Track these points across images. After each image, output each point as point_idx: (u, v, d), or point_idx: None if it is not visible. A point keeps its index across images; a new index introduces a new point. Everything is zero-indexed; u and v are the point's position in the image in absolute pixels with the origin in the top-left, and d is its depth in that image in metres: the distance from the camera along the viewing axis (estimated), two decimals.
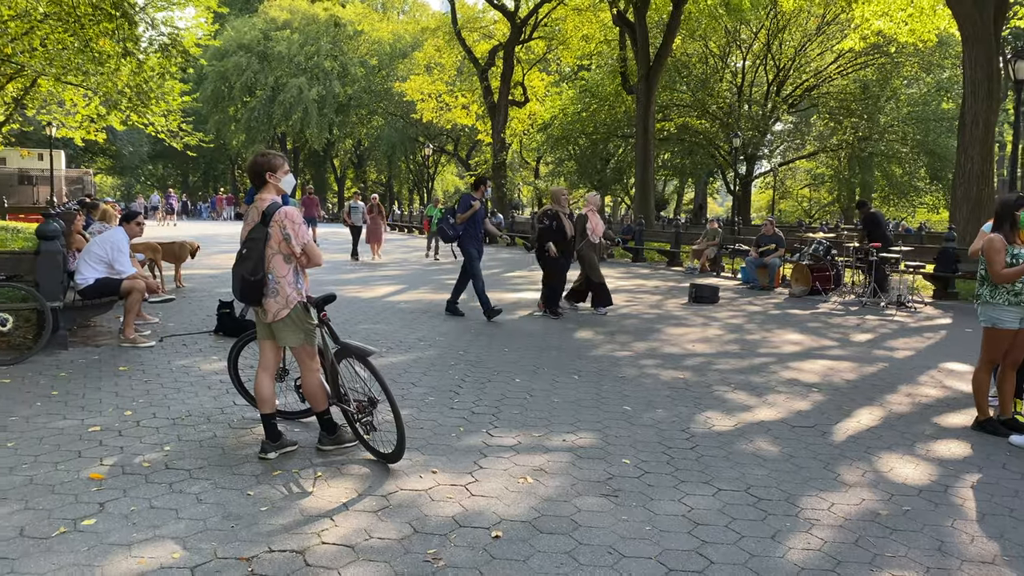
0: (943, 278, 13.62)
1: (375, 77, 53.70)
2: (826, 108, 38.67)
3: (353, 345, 4.64)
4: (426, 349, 8.11)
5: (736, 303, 12.86)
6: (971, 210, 16.56)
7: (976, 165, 16.42)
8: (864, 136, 36.96)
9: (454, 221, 10.33)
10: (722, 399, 6.38)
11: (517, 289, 14.13)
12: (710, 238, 18.04)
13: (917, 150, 37.24)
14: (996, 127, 18.49)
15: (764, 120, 36.10)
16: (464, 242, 10.39)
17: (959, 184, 16.90)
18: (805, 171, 54.78)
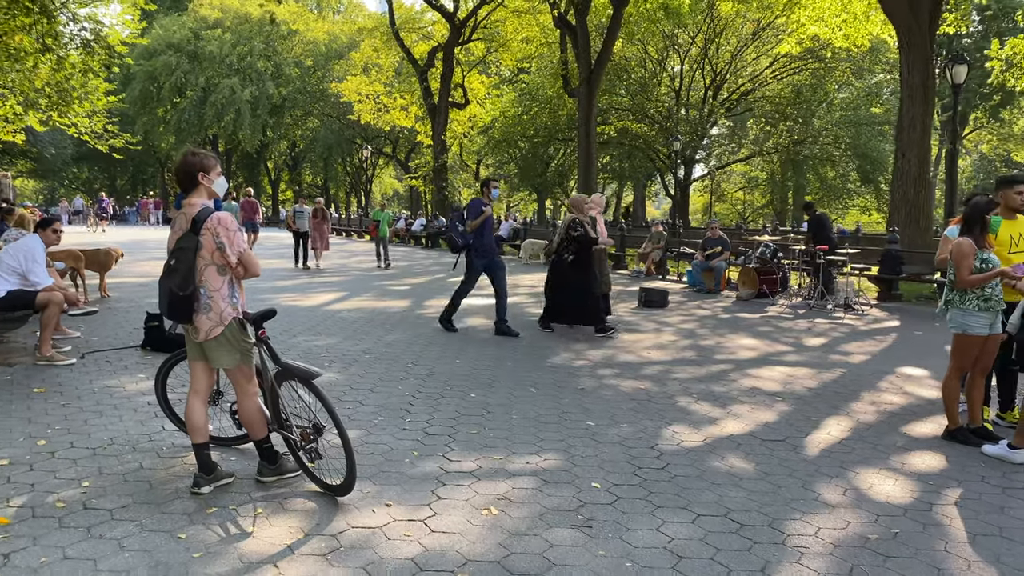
0: (887, 280, 13.72)
1: (310, 78, 52.58)
2: (762, 112, 39.27)
3: (295, 366, 4.19)
4: (372, 362, 7.65)
5: (685, 307, 12.70)
6: (909, 212, 16.80)
7: (914, 168, 16.66)
8: (799, 140, 37.64)
9: (463, 229, 9.33)
10: (686, 411, 6.11)
11: None
12: (655, 241, 17.93)
13: (849, 153, 38.08)
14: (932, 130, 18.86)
15: (702, 124, 36.46)
16: (471, 253, 9.47)
17: (897, 187, 17.15)
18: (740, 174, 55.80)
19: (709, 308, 12.69)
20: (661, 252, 17.73)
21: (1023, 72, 24.21)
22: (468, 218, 9.34)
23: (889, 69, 37.50)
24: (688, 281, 15.85)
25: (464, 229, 9.35)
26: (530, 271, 19.22)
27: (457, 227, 9.42)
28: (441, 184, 37.07)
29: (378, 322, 10.31)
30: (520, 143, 42.65)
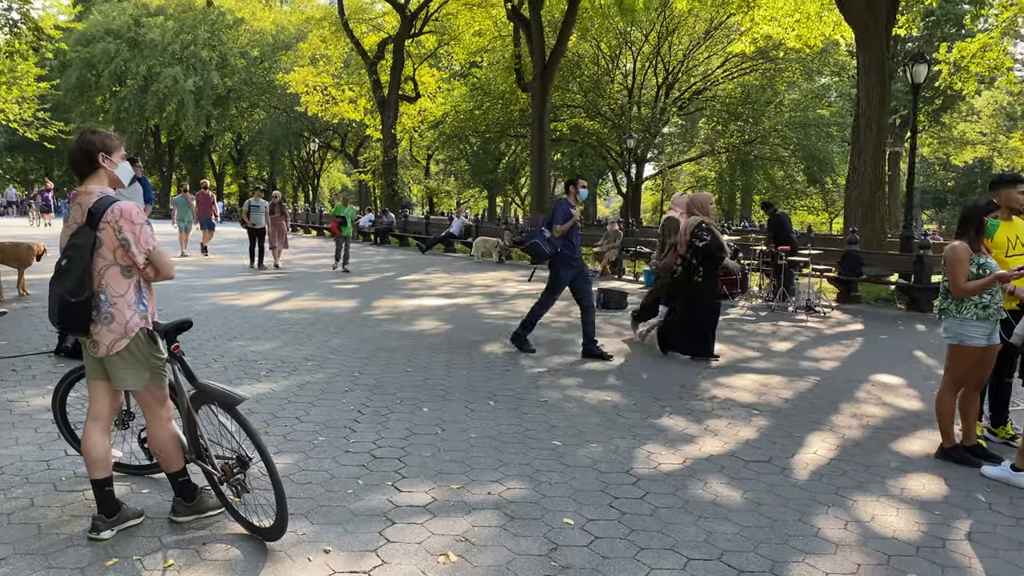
0: (847, 281, 13.45)
1: (256, 69, 51.03)
2: (713, 112, 39.26)
3: (214, 389, 3.51)
4: (314, 371, 6.96)
5: None
6: (865, 213, 16.63)
7: (869, 168, 16.50)
8: (749, 140, 37.71)
9: (550, 235, 8.06)
10: (659, 427, 5.57)
11: (414, 295, 13.06)
12: (611, 240, 17.48)
13: (799, 154, 38.30)
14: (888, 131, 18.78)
15: (654, 122, 36.26)
16: (558, 263, 8.20)
17: (852, 187, 16.97)
18: (689, 173, 55.99)
19: None
20: (617, 251, 17.29)
21: (970, 75, 24.46)
22: (555, 222, 8.06)
23: (837, 71, 37.81)
24: (646, 281, 15.39)
25: (551, 235, 8.05)
26: (483, 269, 18.61)
27: (544, 233, 8.10)
28: (391, 179, 36.19)
29: (322, 325, 9.58)
30: (471, 139, 41.97)
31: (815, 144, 38.45)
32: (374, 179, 41.86)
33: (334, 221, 17.16)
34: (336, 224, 17.02)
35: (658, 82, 37.57)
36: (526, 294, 13.70)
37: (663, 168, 44.34)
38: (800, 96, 41.50)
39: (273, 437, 4.96)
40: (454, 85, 40.58)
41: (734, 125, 38.53)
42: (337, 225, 16.99)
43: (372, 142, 44.95)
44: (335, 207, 18.05)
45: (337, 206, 17.90)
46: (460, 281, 15.70)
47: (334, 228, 17.10)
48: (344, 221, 16.95)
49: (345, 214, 17.05)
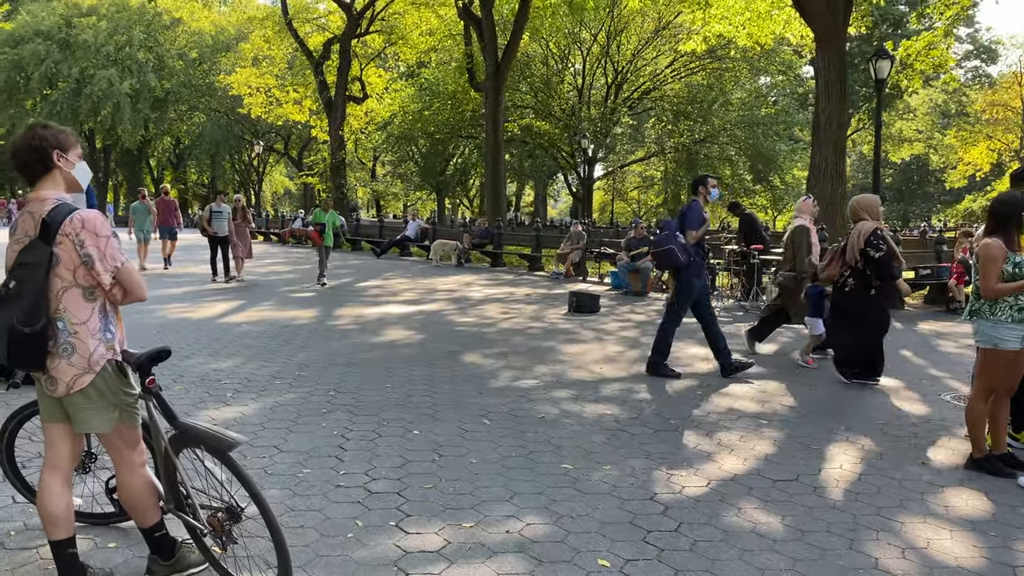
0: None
1: (195, 71, 49.47)
2: (662, 111, 39.36)
3: (200, 431, 2.97)
4: (285, 390, 6.39)
5: (618, 312, 11.90)
6: (826, 209, 16.55)
7: (831, 165, 16.45)
8: (699, 139, 37.89)
9: (685, 241, 7.06)
10: (671, 443, 5.18)
11: (377, 302, 12.49)
12: (574, 241, 17.14)
13: (750, 152, 38.61)
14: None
15: (605, 122, 36.15)
16: (688, 271, 7.20)
17: (814, 184, 16.90)
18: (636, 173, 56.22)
19: (642, 312, 11.92)
20: (581, 253, 16.95)
21: (916, 73, 24.86)
22: (689, 226, 7.08)
23: (783, 70, 38.23)
24: (612, 283, 15.12)
25: (686, 241, 7.06)
26: (444, 273, 18.09)
27: (678, 238, 7.05)
28: (339, 182, 35.34)
29: (285, 338, 8.97)
30: (420, 140, 41.33)
31: (762, 143, 38.87)
32: (321, 182, 40.88)
33: (314, 229, 15.15)
34: (317, 233, 15.00)
35: (608, 82, 37.51)
36: (494, 299, 13.25)
37: (614, 168, 44.27)
38: (746, 95, 41.93)
39: (252, 471, 4.41)
40: (402, 86, 39.89)
41: (683, 124, 38.70)
42: (319, 233, 14.95)
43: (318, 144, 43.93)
44: (315, 213, 15.69)
45: (316, 212, 15.74)
46: (422, 286, 15.17)
47: (315, 237, 15.20)
48: (323, 228, 14.92)
49: (326, 221, 15.00)
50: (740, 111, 39.41)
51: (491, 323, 10.44)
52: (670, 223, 7.38)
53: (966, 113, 51.68)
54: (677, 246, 7.02)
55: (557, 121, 36.17)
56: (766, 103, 43.28)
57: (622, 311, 12.00)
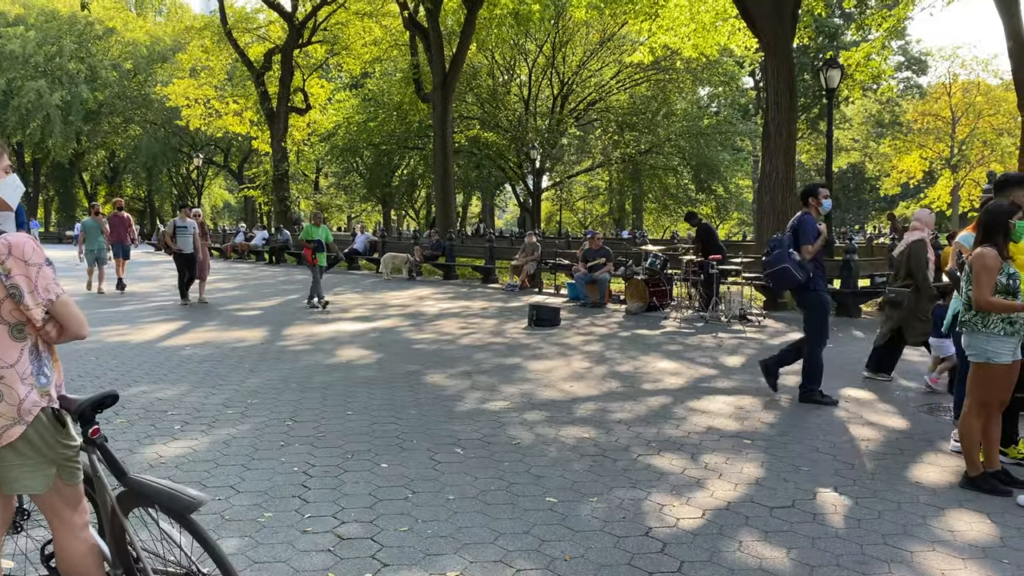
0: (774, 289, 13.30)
1: (130, 82, 47.98)
2: (607, 122, 39.51)
3: (154, 488, 2.55)
4: (238, 421, 5.93)
5: (579, 325, 11.66)
6: (777, 218, 16.65)
7: (780, 174, 16.55)
8: (645, 149, 38.12)
9: (799, 258, 6.50)
10: (656, 469, 4.90)
11: (328, 320, 12.02)
12: (529, 252, 16.90)
13: (694, 162, 38.98)
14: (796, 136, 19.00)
15: (552, 133, 36.10)
16: (817, 284, 6.66)
17: (764, 193, 17.00)
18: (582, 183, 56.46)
19: (603, 324, 11.71)
20: (536, 264, 16.71)
21: (856, 83, 25.35)
22: (805, 241, 6.53)
23: (726, 81, 38.75)
24: (569, 295, 14.90)
25: (800, 258, 6.51)
26: (395, 287, 17.65)
27: (792, 256, 6.49)
28: (283, 195, 34.56)
29: (233, 361, 8.47)
30: (365, 151, 40.74)
31: (706, 152, 39.30)
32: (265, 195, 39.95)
33: (306, 248, 13.58)
34: (310, 250, 13.46)
35: (554, 93, 37.51)
36: (450, 313, 12.89)
37: (561, 179, 44.29)
38: (688, 105, 42.43)
39: (207, 516, 3.98)
40: (346, 96, 39.26)
41: (628, 135, 38.89)
42: (312, 252, 13.43)
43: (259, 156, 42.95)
44: (305, 228, 14.12)
45: (307, 227, 13.94)
46: (374, 301, 14.72)
47: (308, 256, 13.60)
48: (320, 246, 13.43)
49: (319, 237, 13.48)
50: (684, 122, 39.80)
51: (450, 339, 10.09)
52: (781, 240, 6.80)
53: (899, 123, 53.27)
54: (792, 264, 6.46)
55: (504, 132, 35.99)
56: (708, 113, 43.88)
57: (583, 324, 11.77)
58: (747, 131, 41.60)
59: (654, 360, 8.75)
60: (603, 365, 8.42)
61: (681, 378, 7.79)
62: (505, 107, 36.75)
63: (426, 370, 8.03)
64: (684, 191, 42.90)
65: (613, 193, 49.85)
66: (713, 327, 11.42)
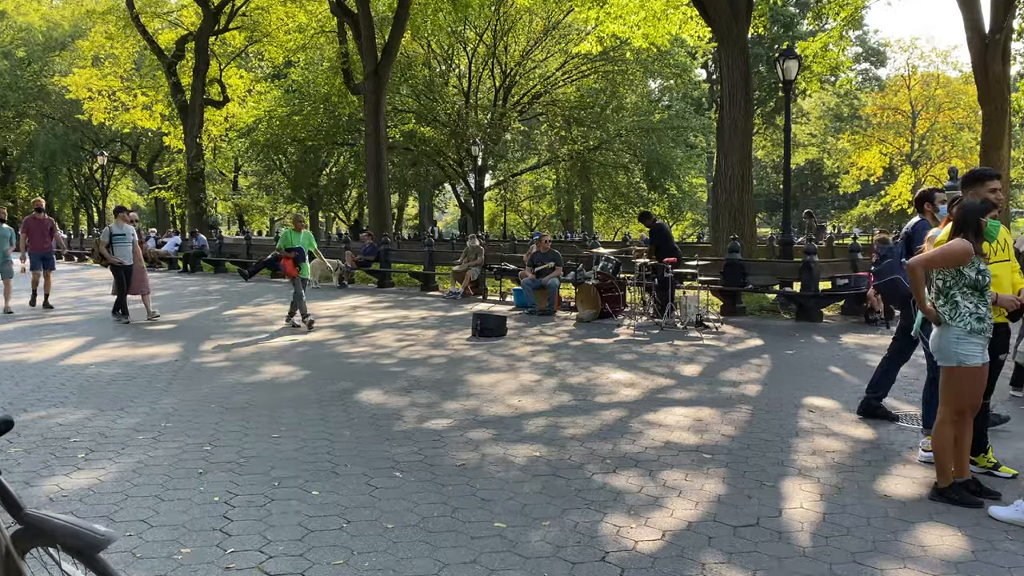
0: (731, 293, 13.55)
1: (24, 71, 46.52)
2: (553, 116, 39.77)
3: (56, 525, 2.45)
4: (150, 447, 5.76)
5: (526, 334, 11.69)
6: (733, 218, 17.01)
7: (736, 171, 16.91)
8: (594, 146, 38.44)
9: None
10: (611, 489, 4.92)
11: (251, 333, 11.80)
12: (471, 257, 16.86)
13: (644, 159, 39.45)
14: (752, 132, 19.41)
15: (495, 128, 36.18)
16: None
17: (720, 191, 17.34)
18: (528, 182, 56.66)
19: (552, 334, 11.76)
20: (479, 270, 16.68)
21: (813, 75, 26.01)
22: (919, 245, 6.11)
23: (679, 73, 39.38)
24: (516, 302, 14.91)
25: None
26: (325, 296, 17.42)
27: (904, 266, 5.94)
28: (198, 196, 33.98)
29: (144, 380, 8.23)
30: (289, 147, 40.24)
31: (658, 149, 39.77)
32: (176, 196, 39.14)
33: (286, 257, 12.29)
34: (291, 261, 12.25)
35: (496, 85, 37.61)
36: (386, 324, 12.78)
37: (505, 177, 44.39)
38: (639, 99, 42.96)
39: (116, 555, 3.84)
40: (268, 88, 38.76)
41: (576, 130, 39.20)
42: (293, 262, 12.26)
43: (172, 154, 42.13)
44: (283, 234, 12.67)
45: (286, 232, 12.60)
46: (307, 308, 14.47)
47: (289, 268, 12.32)
48: (302, 255, 12.35)
49: (300, 244, 12.35)
50: (634, 116, 40.28)
51: (387, 353, 10.00)
52: (893, 248, 6.51)
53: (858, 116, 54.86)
54: (904, 274, 6.11)
55: (443, 127, 35.94)
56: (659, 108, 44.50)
57: (531, 333, 11.81)
58: (701, 126, 42.28)
59: (607, 371, 8.81)
60: (553, 377, 8.45)
61: (636, 389, 7.85)
62: (443, 100, 36.71)
63: (360, 387, 7.94)
64: (636, 190, 43.35)
65: (561, 192, 50.16)
66: (669, 334, 11.55)
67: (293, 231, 12.50)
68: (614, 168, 41.46)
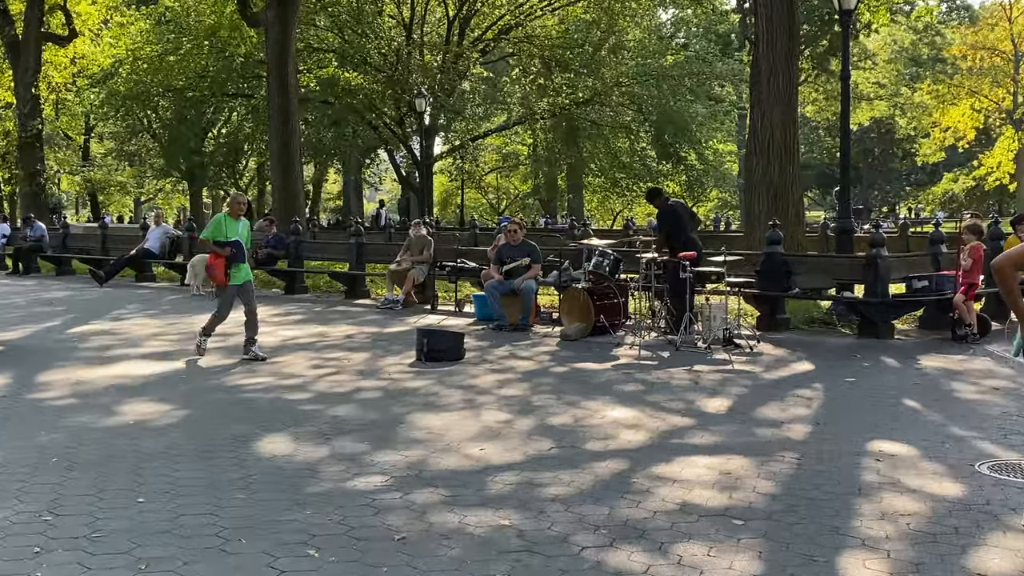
0: (771, 299, 13.69)
1: None
2: (530, 58, 39.91)
3: None
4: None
5: (492, 358, 11.97)
6: (773, 196, 17.20)
7: (777, 133, 17.15)
8: (583, 99, 38.61)
9: None
10: (607, 568, 4.98)
11: (107, 359, 11.93)
12: (415, 251, 16.91)
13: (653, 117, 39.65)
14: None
15: (447, 74, 36.26)
16: None
17: (756, 161, 17.59)
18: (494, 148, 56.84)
19: (528, 356, 12.01)
20: (426, 268, 16.74)
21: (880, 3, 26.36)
22: None
23: None
24: (478, 313, 15.00)
25: None
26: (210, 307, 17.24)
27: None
28: (34, 168, 33.77)
29: None
30: (162, 101, 40.11)
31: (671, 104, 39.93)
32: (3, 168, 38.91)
33: (217, 254, 11.77)
34: (223, 261, 11.71)
35: (449, 15, 37.73)
36: (298, 345, 12.98)
37: (463, 141, 44.49)
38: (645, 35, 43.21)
39: None
40: (132, 18, 38.59)
41: (559, 77, 39.40)
42: (227, 263, 11.72)
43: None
44: (214, 222, 12.19)
45: (219, 220, 12.15)
46: (179, 329, 14.62)
47: (218, 271, 11.80)
48: (240, 252, 11.85)
49: (241, 236, 11.93)
50: (639, 59, 40.54)
51: (297, 385, 10.13)
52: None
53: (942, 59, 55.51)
54: None
55: (376, 72, 35.96)
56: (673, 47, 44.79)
57: (498, 356, 12.05)
58: (729, 73, 42.69)
59: (602, 407, 8.95)
60: (528, 416, 8.57)
61: (642, 432, 7.96)
62: (376, 35, 36.71)
63: (260, 432, 8.01)
64: (641, 159, 43.69)
65: (539, 163, 50.39)
66: (686, 357, 11.70)
67: (229, 217, 12.12)
68: (612, 129, 41.71)
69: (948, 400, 9.29)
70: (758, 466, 6.94)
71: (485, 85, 44.94)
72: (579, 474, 6.71)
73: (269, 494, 6.23)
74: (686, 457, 7.18)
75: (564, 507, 5.97)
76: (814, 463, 7.02)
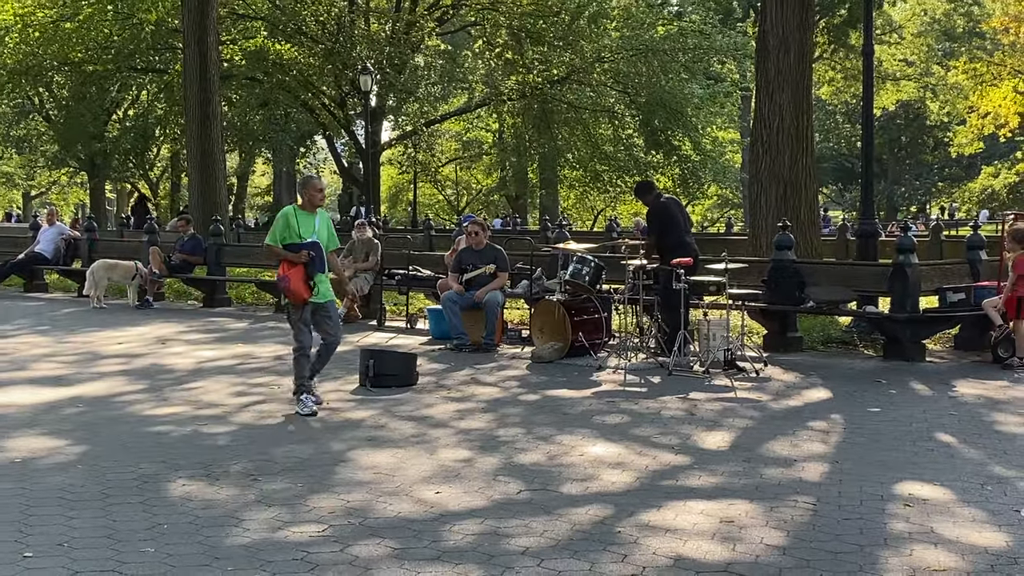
0: (780, 314, 13.75)
1: None
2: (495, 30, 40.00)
3: None
4: None
5: (451, 383, 12.05)
6: (782, 193, 17.30)
7: (787, 119, 17.25)
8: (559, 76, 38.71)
9: None
10: None
11: None
12: (359, 256, 16.90)
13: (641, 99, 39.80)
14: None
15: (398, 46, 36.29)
16: None
17: (762, 151, 17.67)
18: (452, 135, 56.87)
19: (494, 382, 12.08)
20: (372, 277, 16.71)
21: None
22: None
23: None
24: (433, 331, 14.98)
25: None
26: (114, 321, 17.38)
27: None
28: None
29: None
30: (56, 77, 39.94)
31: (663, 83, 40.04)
32: None
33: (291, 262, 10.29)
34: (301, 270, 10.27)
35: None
36: (218, 367, 13.00)
37: (416, 126, 44.48)
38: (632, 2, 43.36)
39: None
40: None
41: (531, 51, 39.49)
42: (305, 271, 10.29)
43: None
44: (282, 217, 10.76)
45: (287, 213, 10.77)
46: (75, 348, 14.65)
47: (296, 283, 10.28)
48: (320, 258, 10.41)
49: (318, 235, 10.51)
50: (625, 29, 40.70)
51: (218, 416, 10.12)
52: None
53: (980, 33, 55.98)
54: None
55: (313, 44, 35.97)
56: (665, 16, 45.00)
57: (458, 381, 12.10)
58: (731, 47, 42.89)
59: (582, 442, 8.96)
60: (493, 454, 8.59)
61: (629, 472, 7.97)
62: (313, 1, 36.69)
63: (173, 472, 7.98)
64: (627, 148, 43.84)
65: (507, 153, 50.44)
66: (681, 383, 11.74)
67: (300, 210, 10.75)
68: (592, 113, 41.86)
69: (989, 434, 9.37)
70: (766, 513, 6.97)
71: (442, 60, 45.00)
72: (553, 522, 6.71)
73: (182, 547, 6.19)
74: (680, 502, 7.19)
75: (536, 561, 5.97)
76: (832, 509, 7.06)
